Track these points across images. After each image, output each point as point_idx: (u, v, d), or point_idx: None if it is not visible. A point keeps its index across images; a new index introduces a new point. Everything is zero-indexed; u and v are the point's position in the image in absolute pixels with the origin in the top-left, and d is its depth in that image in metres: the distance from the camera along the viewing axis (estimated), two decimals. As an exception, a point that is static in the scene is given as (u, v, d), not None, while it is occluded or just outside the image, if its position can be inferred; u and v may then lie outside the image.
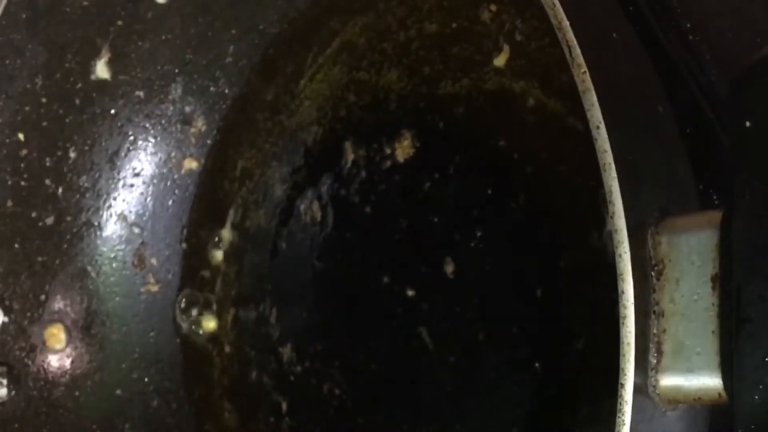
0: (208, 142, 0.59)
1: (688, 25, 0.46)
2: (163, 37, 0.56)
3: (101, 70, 0.55)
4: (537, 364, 0.47)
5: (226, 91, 0.58)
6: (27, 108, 0.54)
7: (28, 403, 0.55)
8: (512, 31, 0.49)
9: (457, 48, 0.51)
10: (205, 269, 0.60)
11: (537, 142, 0.48)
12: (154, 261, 0.59)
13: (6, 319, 0.55)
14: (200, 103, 0.58)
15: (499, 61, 0.49)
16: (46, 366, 0.56)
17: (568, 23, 0.33)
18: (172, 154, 0.59)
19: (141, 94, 0.57)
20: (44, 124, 0.55)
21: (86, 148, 0.57)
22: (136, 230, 0.59)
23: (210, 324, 0.59)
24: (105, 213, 0.58)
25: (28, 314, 0.56)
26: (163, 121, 0.58)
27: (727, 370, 0.33)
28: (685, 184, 0.41)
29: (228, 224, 0.59)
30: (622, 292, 0.32)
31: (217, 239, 0.60)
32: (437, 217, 0.52)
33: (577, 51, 0.33)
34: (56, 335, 0.56)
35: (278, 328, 0.57)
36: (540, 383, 0.48)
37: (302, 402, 0.56)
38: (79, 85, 0.55)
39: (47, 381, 0.56)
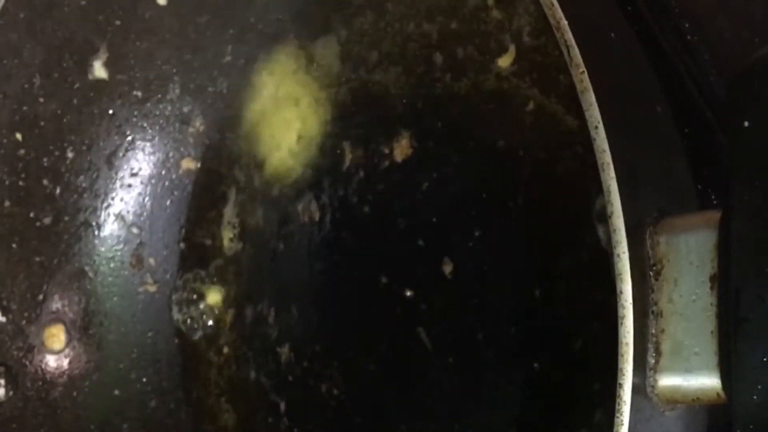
0: (206, 142, 0.59)
1: (687, 25, 0.46)
2: (161, 37, 0.56)
3: (99, 70, 0.55)
4: (535, 365, 0.47)
5: (225, 90, 0.58)
6: (25, 108, 0.54)
7: (26, 404, 0.55)
8: (519, 30, 0.49)
9: (458, 47, 0.51)
10: (203, 269, 0.60)
11: (535, 142, 0.48)
12: (152, 261, 0.59)
13: (4, 320, 0.55)
14: (198, 102, 0.58)
15: (504, 61, 0.49)
16: (44, 366, 0.56)
17: (566, 23, 0.33)
18: (170, 154, 0.59)
19: (139, 93, 0.57)
20: (42, 123, 0.55)
21: (84, 148, 0.57)
22: (134, 230, 0.59)
23: (208, 324, 0.59)
24: (103, 213, 0.58)
25: (26, 314, 0.56)
26: (161, 121, 0.58)
27: (725, 370, 0.33)
28: (683, 184, 0.41)
29: (226, 224, 0.59)
30: (621, 292, 0.32)
31: (215, 239, 0.59)
32: (435, 217, 0.52)
33: (576, 51, 0.33)
34: (56, 335, 0.56)
35: (276, 329, 0.57)
36: (538, 383, 0.47)
37: (300, 402, 0.56)
38: (77, 84, 0.55)
39: (45, 381, 0.56)
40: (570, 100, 0.46)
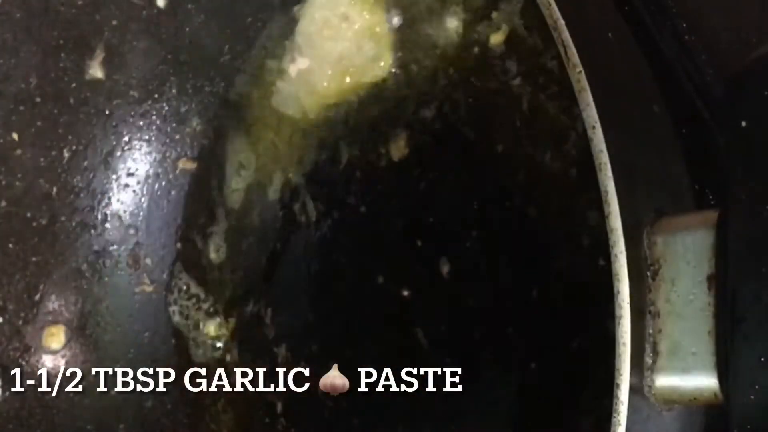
0: (203, 141, 0.59)
1: (684, 25, 0.46)
2: (158, 37, 0.56)
3: (95, 70, 0.55)
4: (533, 365, 0.47)
5: (221, 90, 0.58)
6: (21, 108, 0.54)
7: (23, 404, 0.55)
8: (510, 16, 0.49)
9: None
10: (200, 269, 0.59)
11: (532, 142, 0.48)
12: (148, 261, 0.59)
13: (0, 320, 0.55)
14: (195, 102, 0.58)
15: (497, 39, 0.49)
16: (40, 366, 0.56)
17: (563, 23, 0.33)
18: (167, 154, 0.59)
19: (135, 93, 0.57)
20: (38, 123, 0.55)
21: (80, 147, 0.57)
22: (131, 231, 0.59)
23: (205, 324, 0.59)
24: (100, 213, 0.58)
25: (23, 315, 0.55)
26: (157, 121, 0.58)
27: (722, 370, 0.33)
28: (680, 183, 0.41)
29: (223, 224, 0.59)
30: (618, 292, 0.32)
31: (212, 239, 0.59)
32: (432, 217, 0.52)
33: (573, 51, 0.33)
34: (56, 335, 0.56)
35: (273, 329, 0.57)
36: (536, 383, 0.47)
37: (297, 403, 0.56)
38: (74, 84, 0.55)
39: (41, 382, 0.56)
40: (567, 100, 0.46)
